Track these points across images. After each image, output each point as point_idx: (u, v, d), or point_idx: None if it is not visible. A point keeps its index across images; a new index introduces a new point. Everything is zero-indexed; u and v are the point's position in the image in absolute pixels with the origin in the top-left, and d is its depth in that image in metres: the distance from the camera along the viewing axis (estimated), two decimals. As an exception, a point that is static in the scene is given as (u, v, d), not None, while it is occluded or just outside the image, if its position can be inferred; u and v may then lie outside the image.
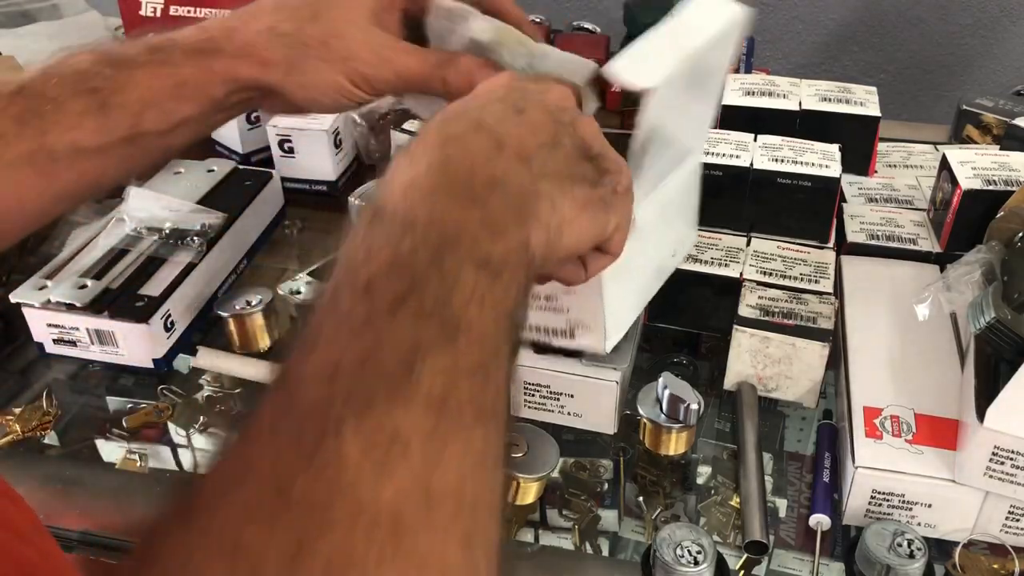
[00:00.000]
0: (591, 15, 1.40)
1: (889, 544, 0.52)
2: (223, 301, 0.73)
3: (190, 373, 0.73)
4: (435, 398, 0.31)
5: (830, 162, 0.70)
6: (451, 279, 0.35)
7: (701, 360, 0.72)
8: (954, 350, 0.63)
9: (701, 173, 0.64)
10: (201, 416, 0.69)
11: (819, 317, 0.64)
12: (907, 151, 0.89)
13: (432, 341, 0.33)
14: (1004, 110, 0.91)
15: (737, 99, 0.80)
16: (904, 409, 0.59)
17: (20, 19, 1.08)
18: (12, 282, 0.77)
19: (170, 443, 0.68)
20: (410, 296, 0.34)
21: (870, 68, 1.40)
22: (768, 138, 0.74)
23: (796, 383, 0.65)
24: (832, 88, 0.81)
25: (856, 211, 0.77)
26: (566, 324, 0.58)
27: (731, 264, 0.69)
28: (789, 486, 0.62)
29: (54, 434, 0.68)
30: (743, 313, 0.65)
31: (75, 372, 0.74)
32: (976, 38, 1.35)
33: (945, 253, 0.72)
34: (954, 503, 0.56)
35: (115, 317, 0.70)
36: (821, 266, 0.69)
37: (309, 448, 0.29)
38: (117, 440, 0.68)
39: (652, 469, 0.64)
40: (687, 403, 0.60)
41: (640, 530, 0.60)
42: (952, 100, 0.98)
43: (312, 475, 0.29)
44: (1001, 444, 0.52)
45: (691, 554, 0.52)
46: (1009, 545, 0.56)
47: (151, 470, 0.66)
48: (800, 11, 1.39)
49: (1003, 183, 0.69)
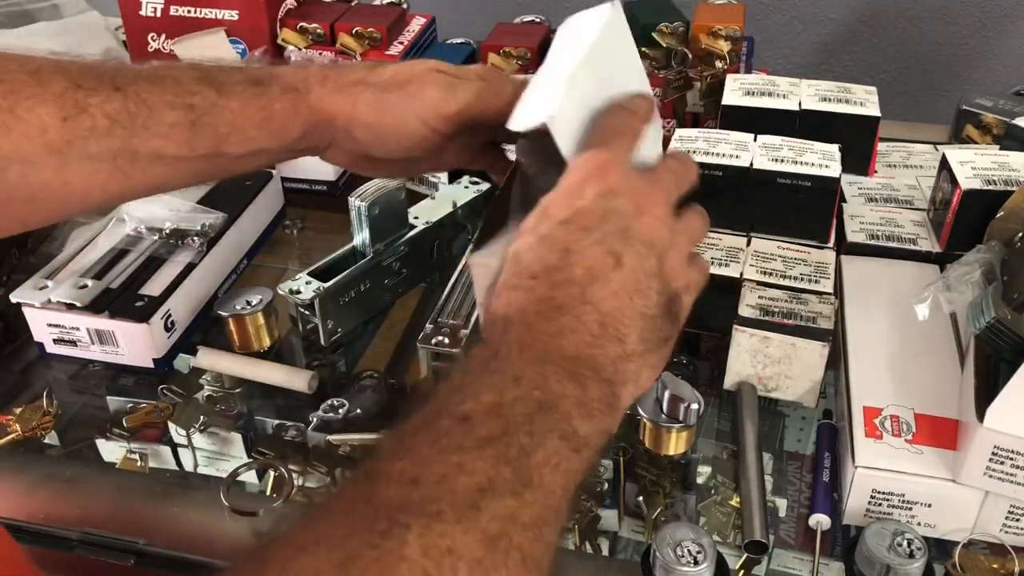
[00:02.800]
0: (591, 15, 1.40)
1: (889, 544, 0.52)
2: (223, 301, 0.73)
3: (190, 373, 0.73)
4: (490, 535, 0.35)
5: (830, 162, 0.70)
6: (538, 439, 0.38)
7: (701, 360, 0.72)
8: (954, 350, 0.63)
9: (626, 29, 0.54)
10: (201, 416, 0.69)
11: (819, 317, 0.64)
12: (907, 151, 0.89)
13: (504, 485, 0.36)
14: (1004, 110, 0.91)
15: (737, 99, 0.80)
16: (904, 409, 0.59)
17: (20, 19, 1.08)
18: (12, 282, 0.77)
19: (170, 443, 0.68)
20: (499, 439, 0.38)
21: (870, 68, 1.40)
22: (768, 138, 0.74)
23: (796, 383, 0.65)
24: (832, 88, 0.81)
25: (856, 211, 0.77)
26: None
27: (731, 264, 0.69)
28: (789, 486, 0.62)
29: (54, 434, 0.68)
30: (743, 313, 0.65)
31: (75, 372, 0.74)
32: (976, 38, 1.35)
33: (945, 253, 0.72)
34: (954, 503, 0.56)
35: (115, 317, 0.70)
36: (821, 266, 0.69)
37: (378, 534, 0.33)
38: (117, 440, 0.68)
39: (652, 469, 0.64)
40: (687, 403, 0.60)
41: (640, 530, 0.60)
42: (952, 100, 0.98)
43: (374, 556, 0.33)
44: (1001, 444, 0.52)
45: (691, 554, 0.52)
46: (1009, 545, 0.56)
47: (151, 470, 0.66)
48: (800, 11, 1.39)
49: (1003, 183, 0.69)
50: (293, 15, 1.01)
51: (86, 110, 0.51)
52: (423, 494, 0.35)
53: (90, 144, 0.51)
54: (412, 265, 0.78)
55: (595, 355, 0.43)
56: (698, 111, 0.96)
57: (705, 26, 0.93)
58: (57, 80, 0.51)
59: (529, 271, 0.44)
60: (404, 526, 0.34)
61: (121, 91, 0.52)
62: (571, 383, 0.41)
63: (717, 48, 0.92)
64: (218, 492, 0.61)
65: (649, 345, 0.45)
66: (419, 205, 0.82)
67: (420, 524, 0.34)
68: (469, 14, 1.41)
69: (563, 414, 0.40)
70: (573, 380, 0.41)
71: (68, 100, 0.51)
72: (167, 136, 0.53)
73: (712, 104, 0.94)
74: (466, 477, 0.36)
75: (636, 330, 0.44)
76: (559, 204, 0.45)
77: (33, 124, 0.50)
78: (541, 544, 0.37)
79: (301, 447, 0.67)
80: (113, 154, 0.52)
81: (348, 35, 0.98)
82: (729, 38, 0.92)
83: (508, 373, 0.40)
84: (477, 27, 1.07)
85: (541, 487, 0.38)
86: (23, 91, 0.50)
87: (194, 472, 0.66)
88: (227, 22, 0.99)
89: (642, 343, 0.44)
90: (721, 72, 0.92)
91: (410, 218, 0.78)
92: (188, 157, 0.54)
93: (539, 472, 0.38)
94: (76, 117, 0.51)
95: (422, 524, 0.34)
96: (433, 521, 0.34)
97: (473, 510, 0.35)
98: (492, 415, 0.38)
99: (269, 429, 0.69)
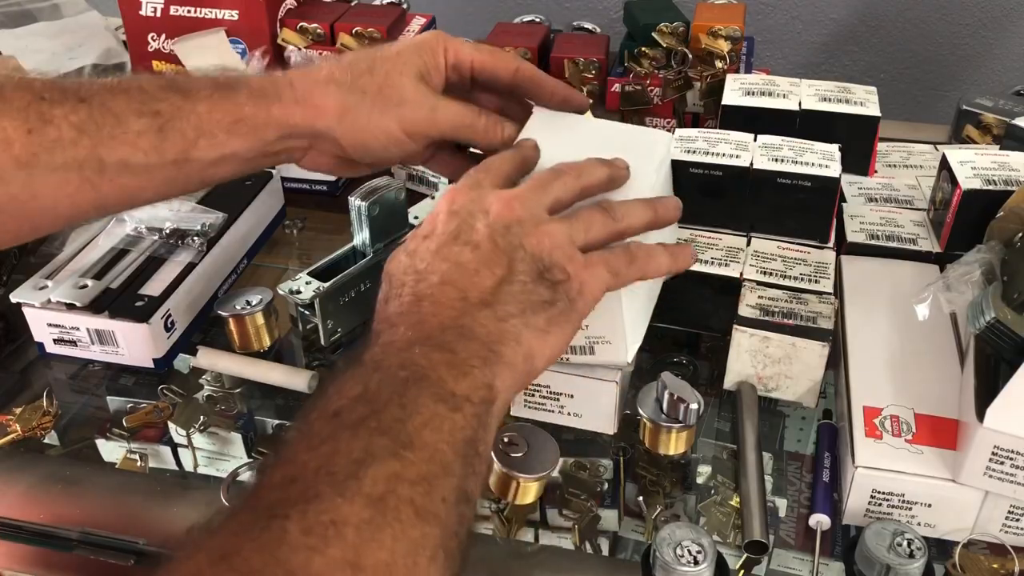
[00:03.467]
0: (591, 15, 1.41)
1: (889, 544, 0.52)
2: (223, 301, 0.73)
3: (190, 373, 0.73)
4: (375, 496, 0.36)
5: (830, 162, 0.70)
6: (411, 408, 0.40)
7: (701, 360, 0.72)
8: (954, 350, 0.63)
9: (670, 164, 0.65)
10: (201, 416, 0.69)
11: (819, 317, 0.64)
12: (907, 151, 0.89)
13: (381, 452, 0.38)
14: (1004, 110, 0.91)
15: (737, 99, 0.80)
16: (904, 409, 0.59)
17: (20, 19, 1.08)
18: (12, 282, 0.77)
19: (170, 443, 0.68)
20: (370, 418, 0.39)
21: (870, 68, 1.40)
22: (768, 138, 0.74)
23: (796, 383, 0.65)
24: (832, 88, 0.81)
25: (856, 211, 0.77)
26: (585, 341, 0.58)
27: (731, 264, 0.69)
28: (789, 486, 0.62)
29: (54, 434, 0.68)
30: (743, 313, 0.65)
31: (75, 372, 0.74)
32: (976, 38, 1.35)
33: (945, 253, 0.72)
34: (954, 503, 0.56)
35: (115, 317, 0.70)
36: (821, 266, 0.69)
37: (257, 530, 0.35)
38: (117, 440, 0.68)
39: (652, 469, 0.64)
40: (687, 403, 0.60)
41: (640, 530, 0.60)
42: (952, 100, 0.98)
43: (255, 547, 0.34)
44: (1001, 444, 0.52)
45: (691, 554, 0.52)
46: (1009, 545, 0.56)
47: (151, 470, 0.66)
48: (800, 11, 1.39)
49: (1003, 183, 0.69)
50: (293, 15, 1.01)
51: (51, 122, 0.50)
52: (301, 487, 0.36)
53: (56, 155, 0.50)
54: (412, 265, 0.78)
55: (462, 322, 0.45)
56: (698, 111, 0.96)
57: (705, 26, 0.93)
58: (20, 95, 0.50)
59: (399, 282, 0.48)
60: (283, 516, 0.35)
61: (86, 102, 0.51)
62: (437, 352, 0.43)
63: (717, 48, 0.92)
64: (218, 492, 0.61)
65: (524, 307, 0.47)
66: (419, 205, 0.82)
67: (298, 511, 0.35)
68: (469, 14, 1.41)
69: (435, 380, 0.42)
70: (440, 349, 0.44)
71: (32, 112, 0.50)
72: (134, 144, 0.52)
73: (712, 104, 0.94)
74: (342, 458, 0.37)
75: (503, 295, 0.47)
76: (423, 226, 0.51)
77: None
78: (435, 497, 0.38)
79: (301, 447, 0.67)
80: (79, 164, 0.51)
81: (348, 35, 0.98)
82: (729, 38, 0.92)
83: (370, 368, 0.43)
84: (477, 27, 1.07)
85: (424, 447, 0.39)
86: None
87: (194, 472, 0.66)
88: (227, 22, 0.99)
89: (515, 306, 0.47)
90: (721, 72, 0.92)
91: (410, 218, 0.78)
92: (157, 164, 0.53)
93: (419, 434, 0.39)
94: (41, 129, 0.50)
95: (299, 510, 0.35)
96: (310, 504, 0.35)
97: (352, 480, 0.36)
98: (360, 402, 0.40)
99: (269, 429, 0.69)
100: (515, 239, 0.49)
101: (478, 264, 0.47)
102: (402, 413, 0.40)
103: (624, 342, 0.57)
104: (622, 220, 0.53)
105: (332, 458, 0.37)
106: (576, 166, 0.54)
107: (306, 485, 0.36)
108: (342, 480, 0.36)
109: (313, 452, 0.38)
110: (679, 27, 0.93)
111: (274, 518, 0.35)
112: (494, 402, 0.44)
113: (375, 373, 0.42)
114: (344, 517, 0.35)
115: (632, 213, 0.54)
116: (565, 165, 0.54)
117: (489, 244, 0.48)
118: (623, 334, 0.57)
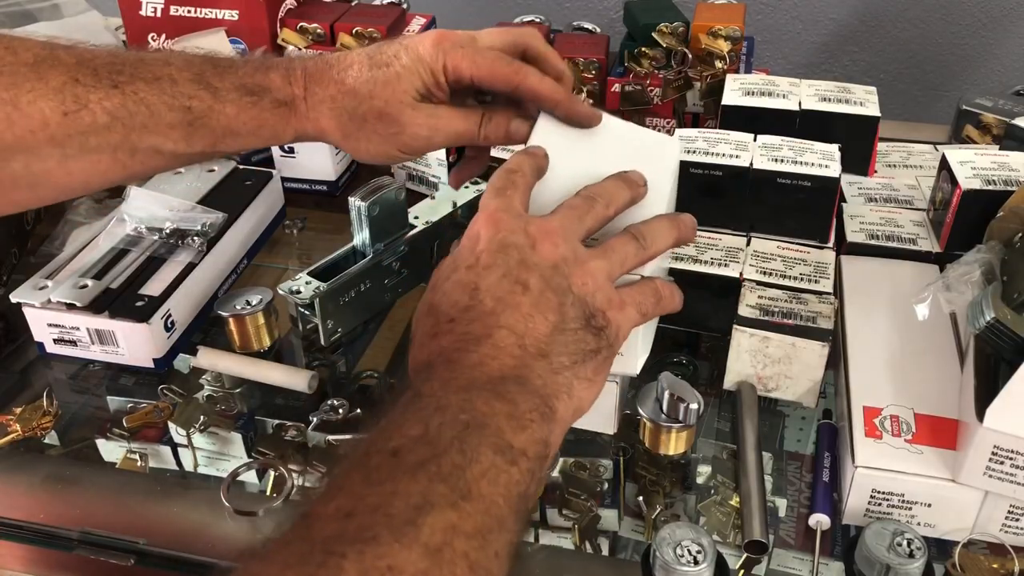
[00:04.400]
0: (591, 15, 1.41)
1: (889, 544, 0.52)
2: (223, 301, 0.73)
3: (190, 373, 0.73)
4: (432, 547, 0.36)
5: (830, 162, 0.70)
6: (470, 456, 0.40)
7: (701, 360, 0.72)
8: (954, 350, 0.63)
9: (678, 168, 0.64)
10: (201, 416, 0.69)
11: (819, 317, 0.64)
12: (907, 151, 0.89)
13: (440, 500, 0.37)
14: (1004, 110, 0.91)
15: (737, 99, 0.80)
16: (904, 409, 0.59)
17: (20, 19, 1.08)
18: (12, 282, 0.77)
19: (170, 443, 0.68)
20: (430, 462, 0.39)
21: (870, 68, 1.40)
22: (768, 138, 0.74)
23: (796, 383, 0.65)
24: (832, 88, 0.81)
25: (856, 211, 0.77)
26: None
27: (731, 264, 0.69)
28: (789, 486, 0.62)
29: (54, 434, 0.68)
30: (743, 313, 0.65)
31: (75, 372, 0.74)
32: (976, 38, 1.35)
33: (945, 253, 0.72)
34: (954, 503, 0.56)
35: (115, 317, 0.70)
36: (821, 266, 0.69)
37: (313, 565, 0.34)
38: (117, 440, 0.68)
39: (652, 469, 0.64)
40: (687, 403, 0.60)
41: (640, 530, 0.60)
42: (952, 100, 0.98)
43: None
44: (1001, 444, 0.52)
45: (691, 554, 0.52)
46: (1009, 545, 0.56)
47: (151, 470, 0.66)
48: (800, 11, 1.39)
49: (1003, 183, 0.69)
50: (293, 15, 1.01)
51: (86, 106, 0.53)
52: (358, 523, 0.36)
53: (90, 139, 0.54)
54: (412, 265, 0.78)
55: (521, 373, 0.46)
56: (698, 111, 0.96)
57: (705, 26, 0.93)
58: (55, 74, 0.53)
59: (447, 316, 0.48)
60: (340, 555, 0.34)
61: (119, 89, 0.54)
62: (498, 402, 0.43)
63: (717, 48, 0.92)
64: (218, 492, 0.61)
65: (576, 358, 0.48)
66: (419, 205, 0.82)
67: (355, 551, 0.35)
68: (469, 14, 1.41)
69: (494, 430, 0.42)
70: (500, 399, 0.43)
71: (68, 95, 0.53)
72: (165, 135, 0.56)
73: (712, 104, 0.94)
74: (401, 500, 0.37)
75: (557, 345, 0.47)
76: (463, 254, 0.50)
77: (35, 118, 0.52)
78: (489, 552, 0.38)
79: (301, 447, 0.67)
80: (113, 147, 0.55)
81: (348, 35, 0.98)
82: (729, 38, 0.92)
83: (431, 406, 0.42)
84: (477, 27, 1.06)
85: (481, 498, 0.39)
86: (24, 84, 0.52)
87: (194, 472, 0.66)
88: (227, 22, 0.99)
89: (567, 356, 0.48)
90: (721, 72, 0.92)
91: (410, 218, 0.78)
92: (185, 153, 0.58)
93: (476, 484, 0.39)
94: (76, 113, 0.53)
95: (357, 551, 0.35)
96: (368, 545, 0.35)
97: (411, 527, 0.36)
98: (420, 443, 0.40)
99: (269, 429, 0.69)
100: (563, 281, 0.49)
101: (531, 308, 0.47)
102: (462, 460, 0.40)
103: (636, 357, 0.58)
104: (651, 247, 0.54)
105: (391, 499, 0.37)
106: (604, 192, 0.54)
107: (363, 524, 0.36)
108: (400, 525, 0.36)
109: (371, 488, 0.38)
110: (679, 27, 0.93)
111: (331, 555, 0.34)
112: (548, 458, 0.45)
113: (436, 414, 0.42)
114: (401, 565, 0.35)
115: (660, 239, 0.54)
116: (595, 191, 0.54)
117: (540, 285, 0.48)
118: (637, 350, 0.58)
